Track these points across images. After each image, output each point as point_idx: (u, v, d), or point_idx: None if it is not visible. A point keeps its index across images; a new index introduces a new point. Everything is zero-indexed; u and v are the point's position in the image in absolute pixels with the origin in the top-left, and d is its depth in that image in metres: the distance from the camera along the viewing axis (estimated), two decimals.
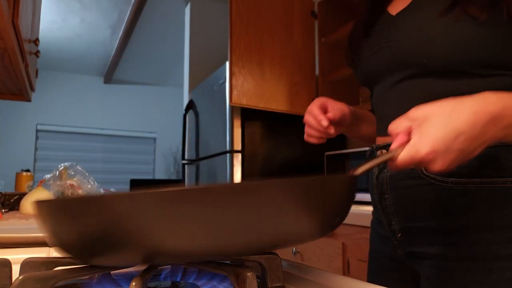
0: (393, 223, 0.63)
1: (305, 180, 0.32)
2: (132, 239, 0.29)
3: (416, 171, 0.59)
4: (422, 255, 0.59)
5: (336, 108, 0.68)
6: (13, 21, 1.06)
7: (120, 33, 3.45)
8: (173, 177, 4.65)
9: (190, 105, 2.62)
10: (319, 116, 0.66)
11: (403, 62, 0.60)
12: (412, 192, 0.60)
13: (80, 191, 1.24)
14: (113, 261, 0.33)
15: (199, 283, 0.40)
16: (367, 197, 0.74)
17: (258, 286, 0.34)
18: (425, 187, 0.58)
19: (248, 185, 0.30)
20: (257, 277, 0.35)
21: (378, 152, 0.66)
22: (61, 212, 0.30)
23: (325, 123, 0.65)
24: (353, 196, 0.40)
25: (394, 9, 0.65)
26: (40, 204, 0.31)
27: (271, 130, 2.15)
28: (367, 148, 0.72)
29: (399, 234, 0.62)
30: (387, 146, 0.64)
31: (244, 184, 0.31)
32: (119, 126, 4.68)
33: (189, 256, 0.31)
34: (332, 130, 0.66)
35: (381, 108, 0.67)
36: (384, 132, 0.64)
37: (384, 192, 0.64)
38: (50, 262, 0.39)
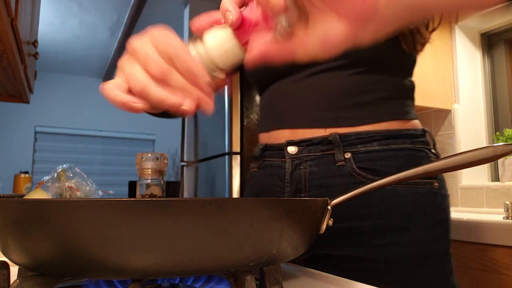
0: None
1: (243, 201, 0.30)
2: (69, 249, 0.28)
3: (347, 169, 0.57)
4: (332, 258, 0.57)
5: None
6: (12, 22, 1.06)
7: (119, 35, 3.45)
8: (172, 179, 4.64)
9: None
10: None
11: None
12: (342, 190, 0.56)
13: (78, 193, 1.24)
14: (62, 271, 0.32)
15: (197, 285, 0.40)
16: None
17: None
18: (356, 185, 0.55)
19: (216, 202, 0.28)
20: (256, 279, 0.35)
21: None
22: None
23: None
24: (320, 225, 0.39)
25: None
26: None
27: None
28: None
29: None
30: (300, 142, 0.60)
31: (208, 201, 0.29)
32: (117, 128, 4.67)
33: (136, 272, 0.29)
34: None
35: (278, 103, 0.66)
36: (277, 126, 0.64)
37: (301, 190, 0.61)
38: None
